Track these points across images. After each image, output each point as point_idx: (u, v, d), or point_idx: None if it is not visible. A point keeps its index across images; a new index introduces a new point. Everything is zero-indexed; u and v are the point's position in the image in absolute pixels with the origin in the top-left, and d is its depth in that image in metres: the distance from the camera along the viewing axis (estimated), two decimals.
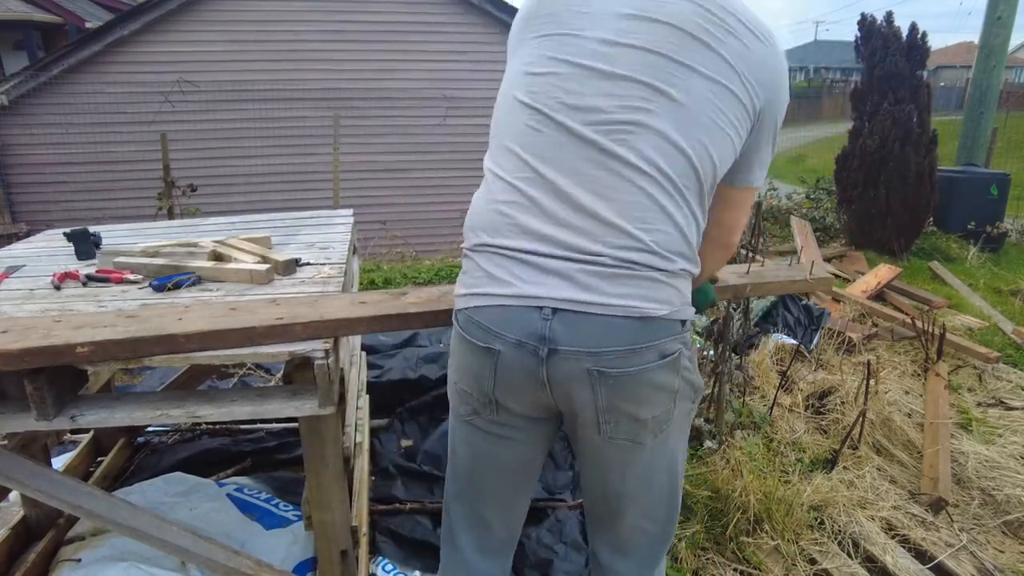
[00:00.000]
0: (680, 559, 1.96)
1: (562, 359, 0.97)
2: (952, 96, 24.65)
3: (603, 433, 1.04)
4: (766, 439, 2.57)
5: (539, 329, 0.97)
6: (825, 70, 46.79)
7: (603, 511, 1.19)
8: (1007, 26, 6.79)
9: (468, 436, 1.15)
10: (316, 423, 1.33)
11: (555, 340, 0.96)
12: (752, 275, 1.73)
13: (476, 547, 1.24)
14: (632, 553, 1.21)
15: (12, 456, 1.35)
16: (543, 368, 0.98)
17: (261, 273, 1.54)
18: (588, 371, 0.97)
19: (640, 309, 0.96)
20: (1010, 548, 2.11)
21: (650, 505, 1.16)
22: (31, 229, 6.30)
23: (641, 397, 1.01)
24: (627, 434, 1.04)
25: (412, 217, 7.89)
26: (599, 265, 0.96)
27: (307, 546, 1.80)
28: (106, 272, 1.60)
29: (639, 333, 0.96)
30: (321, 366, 1.19)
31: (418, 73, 7.84)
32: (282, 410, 1.23)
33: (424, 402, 2.63)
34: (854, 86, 5.95)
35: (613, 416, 1.01)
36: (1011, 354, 3.55)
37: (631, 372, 0.97)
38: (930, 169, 5.48)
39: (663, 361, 0.99)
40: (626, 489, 1.12)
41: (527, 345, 0.98)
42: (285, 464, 2.35)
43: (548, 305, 0.96)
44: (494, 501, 1.21)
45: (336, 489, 1.42)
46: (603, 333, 0.95)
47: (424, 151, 8.08)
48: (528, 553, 1.92)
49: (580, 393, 1.00)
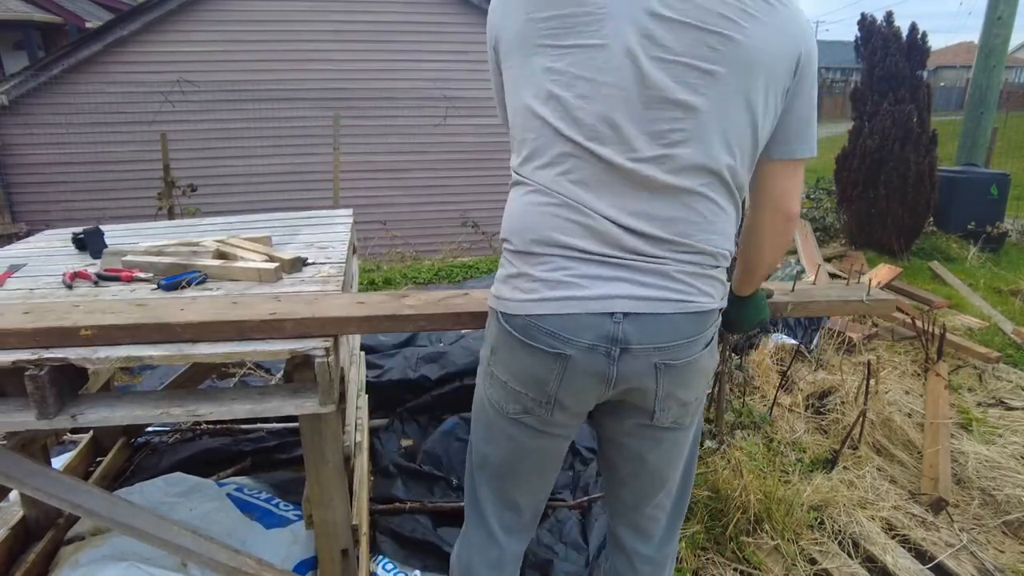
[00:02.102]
0: (680, 559, 1.96)
1: (632, 357, 1.03)
2: (952, 96, 24.67)
3: (655, 420, 1.11)
4: (766, 439, 2.57)
5: (611, 331, 1.01)
6: (825, 70, 46.78)
7: (631, 495, 1.26)
8: (1007, 26, 6.78)
9: (511, 431, 1.17)
10: (316, 421, 1.34)
11: (627, 340, 1.01)
12: (797, 293, 1.58)
13: (503, 527, 1.29)
14: (655, 533, 1.30)
15: (13, 456, 1.36)
16: (613, 367, 1.03)
17: (270, 271, 1.54)
18: (655, 365, 1.04)
19: (698, 304, 1.04)
20: (1010, 548, 2.11)
21: (675, 482, 1.25)
22: (31, 229, 6.30)
23: (692, 383, 1.10)
24: (675, 417, 1.12)
25: (412, 217, 7.89)
26: (660, 264, 1.02)
27: (307, 545, 1.80)
28: (115, 271, 1.60)
29: (696, 325, 1.05)
30: (322, 364, 1.20)
31: (418, 73, 7.84)
32: (282, 408, 1.24)
33: (424, 402, 2.63)
34: (854, 86, 5.94)
35: (667, 403, 1.09)
36: (1011, 354, 3.55)
37: (690, 360, 1.06)
38: (930, 169, 5.47)
39: (708, 348, 1.09)
40: (660, 468, 1.20)
41: (599, 348, 1.02)
42: (285, 464, 2.35)
43: (619, 310, 1.00)
44: (528, 488, 1.26)
45: (336, 487, 1.42)
46: (669, 328, 1.02)
47: (424, 151, 8.09)
48: (528, 553, 1.92)
49: (644, 384, 1.06)
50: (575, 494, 2.16)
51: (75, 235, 1.93)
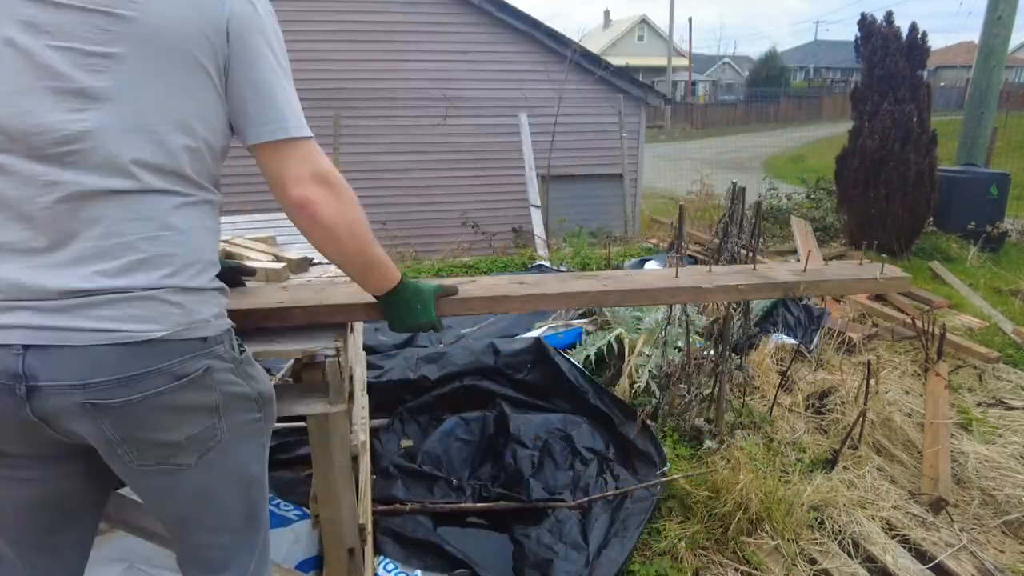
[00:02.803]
0: (680, 559, 1.96)
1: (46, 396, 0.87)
2: (952, 96, 24.66)
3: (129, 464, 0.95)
4: (766, 439, 2.58)
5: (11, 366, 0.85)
6: (825, 70, 46.79)
7: (172, 531, 1.11)
8: (1007, 26, 6.78)
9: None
10: (324, 421, 1.34)
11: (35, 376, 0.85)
12: (810, 272, 1.56)
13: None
14: (219, 568, 1.12)
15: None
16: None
17: (277, 271, 1.54)
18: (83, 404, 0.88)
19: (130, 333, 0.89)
20: (1010, 548, 2.11)
21: (218, 521, 1.08)
22: None
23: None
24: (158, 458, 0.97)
25: (412, 217, 7.89)
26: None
27: (308, 545, 1.81)
28: None
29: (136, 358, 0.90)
30: (332, 364, 1.20)
31: (418, 73, 7.84)
32: (292, 408, 1.24)
33: (424, 402, 2.63)
34: (854, 86, 5.94)
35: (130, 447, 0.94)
36: (1011, 354, 3.55)
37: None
38: (930, 169, 5.48)
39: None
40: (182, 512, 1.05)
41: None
42: (285, 464, 2.35)
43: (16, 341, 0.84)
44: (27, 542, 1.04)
45: (344, 487, 1.42)
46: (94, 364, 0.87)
47: (424, 151, 8.09)
48: (528, 553, 1.92)
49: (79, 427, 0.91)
50: (575, 494, 2.16)
51: None
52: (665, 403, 2.63)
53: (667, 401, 2.63)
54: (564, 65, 7.71)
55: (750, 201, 2.70)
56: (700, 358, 2.64)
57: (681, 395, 2.59)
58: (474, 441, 2.39)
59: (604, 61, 8.67)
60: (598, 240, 6.69)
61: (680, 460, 2.41)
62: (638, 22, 43.99)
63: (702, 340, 2.93)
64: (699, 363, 2.60)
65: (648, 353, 2.94)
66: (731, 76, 47.02)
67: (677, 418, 2.61)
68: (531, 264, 5.16)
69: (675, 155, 12.70)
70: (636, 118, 8.99)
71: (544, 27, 8.25)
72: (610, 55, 25.50)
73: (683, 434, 2.56)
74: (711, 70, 47.39)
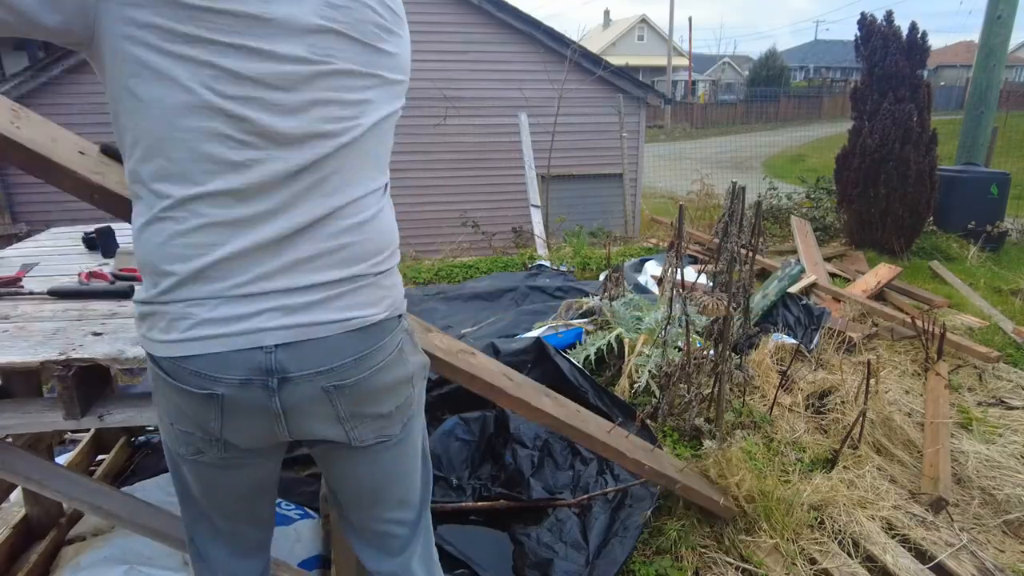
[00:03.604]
0: (681, 558, 1.96)
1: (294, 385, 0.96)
2: (952, 95, 24.67)
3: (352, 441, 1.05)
4: (766, 439, 2.58)
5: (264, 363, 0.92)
6: (825, 70, 46.77)
7: (361, 516, 1.19)
8: (1007, 25, 6.78)
9: (196, 470, 1.08)
10: None
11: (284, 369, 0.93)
12: None
13: (230, 553, 1.20)
14: (396, 549, 1.21)
15: (28, 455, 1.36)
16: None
17: None
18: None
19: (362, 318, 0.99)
20: (1010, 548, 2.12)
21: (407, 494, 1.18)
22: (31, 229, 6.30)
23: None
24: (376, 432, 1.06)
25: (412, 217, 7.89)
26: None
27: (309, 545, 1.81)
28: (130, 270, 1.59)
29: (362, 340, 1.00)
30: None
31: (418, 73, 7.80)
32: None
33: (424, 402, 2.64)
34: (854, 85, 5.94)
35: (355, 422, 1.03)
36: (1011, 353, 3.55)
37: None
38: (930, 168, 5.48)
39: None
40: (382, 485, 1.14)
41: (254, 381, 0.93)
42: (286, 464, 2.35)
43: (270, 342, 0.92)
44: (242, 517, 1.18)
45: None
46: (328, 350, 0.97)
47: (424, 151, 8.09)
48: (528, 553, 1.92)
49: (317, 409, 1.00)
50: (575, 494, 2.17)
51: (86, 234, 1.93)
52: (665, 403, 2.63)
53: (667, 401, 2.63)
54: (564, 65, 7.71)
55: (750, 201, 2.69)
56: (700, 358, 2.63)
57: (681, 395, 2.59)
58: (474, 441, 2.39)
59: (604, 61, 8.67)
60: (598, 240, 6.70)
61: (680, 460, 2.41)
62: (638, 22, 43.97)
63: (702, 340, 2.93)
64: (699, 363, 2.60)
65: (648, 353, 2.94)
66: (731, 76, 47.00)
67: (677, 418, 2.61)
68: (531, 264, 5.15)
69: (675, 155, 12.69)
70: (636, 118, 8.99)
71: (544, 27, 8.25)
72: (610, 55, 25.49)
73: (683, 434, 2.57)
74: (711, 70, 47.38)
